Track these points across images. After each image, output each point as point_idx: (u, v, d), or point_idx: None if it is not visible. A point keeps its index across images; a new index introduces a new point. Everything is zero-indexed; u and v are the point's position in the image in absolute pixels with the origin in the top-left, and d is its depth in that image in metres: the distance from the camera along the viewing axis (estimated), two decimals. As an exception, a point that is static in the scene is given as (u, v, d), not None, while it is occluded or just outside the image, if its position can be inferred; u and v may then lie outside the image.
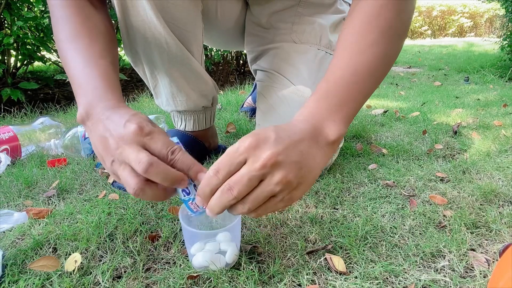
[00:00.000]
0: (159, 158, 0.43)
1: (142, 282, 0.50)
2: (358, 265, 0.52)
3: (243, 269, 0.50)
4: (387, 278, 0.50)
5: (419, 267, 0.52)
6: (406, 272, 0.51)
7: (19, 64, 2.08)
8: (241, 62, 3.30)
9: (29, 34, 1.91)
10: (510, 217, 0.64)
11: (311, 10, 0.86)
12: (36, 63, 2.59)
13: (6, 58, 1.96)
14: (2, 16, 1.85)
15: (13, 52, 1.99)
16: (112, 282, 0.50)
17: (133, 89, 2.46)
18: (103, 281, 0.49)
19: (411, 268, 0.52)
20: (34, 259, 0.54)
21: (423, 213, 0.66)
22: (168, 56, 0.74)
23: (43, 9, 2.11)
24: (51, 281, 0.49)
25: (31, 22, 1.86)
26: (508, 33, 3.24)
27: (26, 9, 2.00)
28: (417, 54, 5.02)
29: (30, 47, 1.90)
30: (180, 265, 0.53)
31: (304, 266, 0.52)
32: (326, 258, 0.53)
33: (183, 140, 0.89)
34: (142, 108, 1.69)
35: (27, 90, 2.05)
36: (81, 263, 0.52)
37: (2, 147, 0.95)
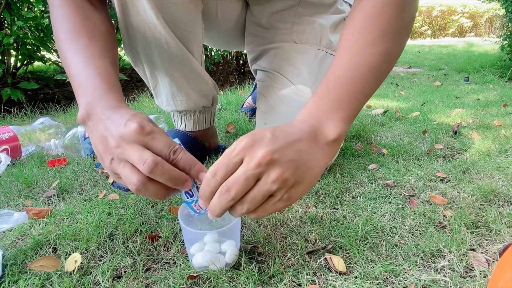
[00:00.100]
0: (161, 157, 0.42)
1: (142, 282, 0.50)
2: (358, 265, 0.52)
3: (243, 269, 0.50)
4: (387, 278, 0.50)
5: (419, 267, 0.52)
6: (406, 272, 0.51)
7: (19, 64, 2.08)
8: (241, 62, 3.30)
9: (29, 34, 1.91)
10: (510, 217, 0.64)
11: (311, 10, 0.86)
12: (36, 63, 2.59)
13: (6, 58, 1.96)
14: (2, 16, 1.85)
15: (13, 52, 1.99)
16: (112, 282, 0.50)
17: (133, 89, 2.46)
18: (103, 281, 0.49)
19: (411, 268, 0.52)
20: (34, 259, 0.54)
21: (423, 213, 0.66)
22: (168, 56, 0.74)
23: (43, 9, 2.11)
24: (51, 281, 0.49)
25: (31, 22, 1.86)
26: (508, 33, 3.25)
27: (26, 9, 2.00)
28: (417, 54, 5.02)
29: (30, 47, 1.90)
30: (180, 265, 0.53)
31: (304, 266, 0.52)
32: (326, 258, 0.53)
33: (183, 140, 0.89)
34: (142, 108, 1.69)
35: (27, 90, 2.05)
36: (81, 263, 0.52)
37: (2, 147, 0.95)
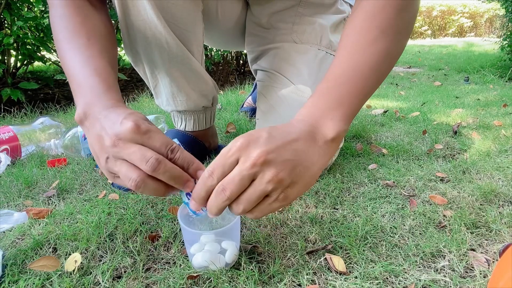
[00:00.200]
0: None
1: (142, 282, 0.50)
2: (358, 265, 0.52)
3: (243, 269, 0.50)
4: (387, 278, 0.50)
5: (419, 267, 0.52)
6: (406, 272, 0.51)
7: (19, 64, 2.08)
8: (241, 62, 3.30)
9: (29, 34, 1.91)
10: (510, 217, 0.64)
11: (311, 10, 0.86)
12: (36, 63, 2.59)
13: (6, 58, 1.96)
14: (2, 16, 1.85)
15: (13, 52, 1.99)
16: (112, 282, 0.50)
17: (133, 89, 2.46)
18: (103, 281, 0.49)
19: (411, 268, 0.52)
20: (34, 259, 0.54)
21: (423, 213, 0.66)
22: (169, 56, 0.74)
23: (43, 9, 2.11)
24: (51, 281, 0.49)
25: (31, 22, 1.87)
26: (508, 33, 3.25)
27: (26, 9, 2.01)
28: (417, 54, 5.02)
29: (30, 47, 1.90)
30: (180, 265, 0.53)
31: (304, 266, 0.52)
32: (326, 258, 0.53)
33: (183, 140, 0.89)
34: (142, 108, 1.69)
35: (27, 90, 2.05)
36: (81, 263, 0.52)
37: (2, 147, 0.95)
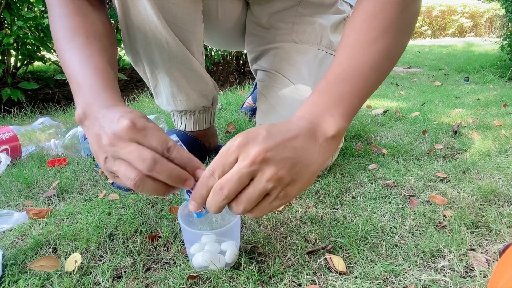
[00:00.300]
0: None
1: (142, 282, 0.50)
2: (358, 265, 0.52)
3: (243, 269, 0.50)
4: (387, 278, 0.50)
5: (419, 267, 0.52)
6: (406, 272, 0.51)
7: (19, 64, 2.08)
8: (241, 62, 3.30)
9: (29, 34, 1.91)
10: (510, 217, 0.64)
11: (311, 10, 0.86)
12: (36, 63, 2.59)
13: (6, 58, 1.96)
14: (2, 16, 1.85)
15: (13, 52, 1.99)
16: (112, 282, 0.50)
17: (133, 89, 2.46)
18: (103, 281, 0.49)
19: (411, 268, 0.52)
20: (34, 259, 0.54)
21: (423, 213, 0.66)
22: (169, 55, 0.74)
23: (43, 9, 2.11)
24: (51, 281, 0.49)
25: (31, 22, 1.87)
26: (508, 33, 3.25)
27: (26, 9, 2.01)
28: (417, 54, 5.02)
29: (30, 47, 1.90)
30: (180, 265, 0.53)
31: (304, 266, 0.52)
32: (326, 258, 0.53)
33: (183, 140, 0.89)
34: (142, 108, 1.69)
35: (27, 90, 2.05)
36: (81, 263, 0.52)
37: (2, 147, 0.95)
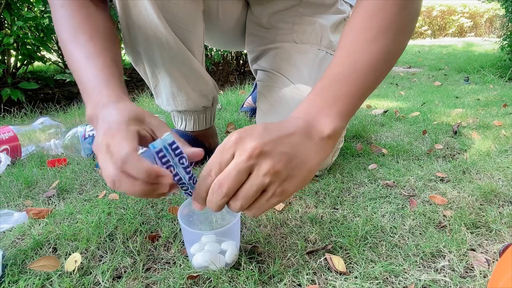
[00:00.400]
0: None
1: (142, 282, 0.50)
2: (358, 265, 0.52)
3: (243, 269, 0.50)
4: (387, 278, 0.50)
5: (419, 267, 0.52)
6: (406, 272, 0.51)
7: (19, 64, 2.08)
8: (241, 62, 3.30)
9: (29, 34, 1.91)
10: (510, 217, 0.64)
11: (311, 10, 0.86)
12: (36, 63, 2.59)
13: (6, 58, 1.97)
14: (2, 16, 1.85)
15: (13, 52, 1.99)
16: (112, 282, 0.50)
17: (133, 89, 2.46)
18: (103, 281, 0.49)
19: (411, 268, 0.52)
20: (34, 259, 0.54)
21: (423, 213, 0.66)
22: (169, 55, 0.74)
23: (43, 9, 2.11)
24: (51, 281, 0.49)
25: (31, 22, 1.87)
26: (508, 33, 3.25)
27: (26, 9, 2.01)
28: (417, 54, 5.02)
29: (30, 47, 1.90)
30: (180, 265, 0.53)
31: (304, 266, 0.52)
32: (326, 258, 0.53)
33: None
34: (142, 108, 1.68)
35: (27, 90, 2.05)
36: (81, 263, 0.52)
37: (2, 147, 0.95)
